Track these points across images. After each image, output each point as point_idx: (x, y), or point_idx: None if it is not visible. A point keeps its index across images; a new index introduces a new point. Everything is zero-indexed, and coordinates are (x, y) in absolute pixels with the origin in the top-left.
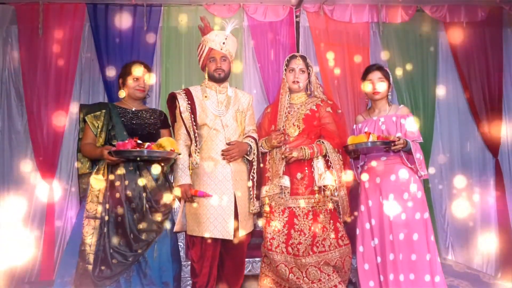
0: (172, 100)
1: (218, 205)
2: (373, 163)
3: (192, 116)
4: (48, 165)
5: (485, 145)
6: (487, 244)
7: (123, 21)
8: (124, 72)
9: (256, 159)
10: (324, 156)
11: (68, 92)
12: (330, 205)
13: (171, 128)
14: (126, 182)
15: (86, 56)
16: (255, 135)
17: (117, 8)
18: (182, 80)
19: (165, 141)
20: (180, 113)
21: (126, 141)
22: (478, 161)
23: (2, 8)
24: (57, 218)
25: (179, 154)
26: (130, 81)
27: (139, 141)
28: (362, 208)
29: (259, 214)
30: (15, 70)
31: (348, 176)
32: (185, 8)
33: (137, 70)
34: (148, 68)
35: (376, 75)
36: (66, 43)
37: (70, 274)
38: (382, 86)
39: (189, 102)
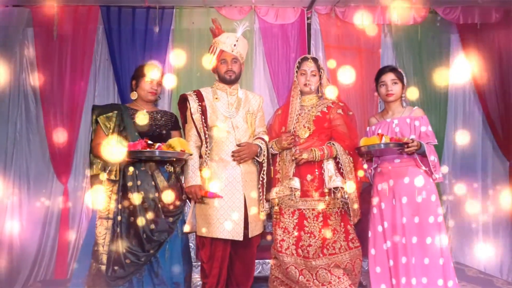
0: (183, 101)
1: (228, 206)
2: (386, 166)
3: (203, 117)
4: (63, 166)
5: (498, 147)
6: (501, 248)
7: (136, 23)
8: (138, 74)
9: (266, 160)
10: (335, 158)
11: (83, 93)
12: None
13: (182, 129)
14: (139, 182)
15: (100, 58)
16: (265, 137)
17: (130, 10)
18: (193, 81)
19: (175, 141)
20: (191, 114)
21: (137, 142)
22: (491, 164)
23: (18, 11)
24: (72, 218)
25: (190, 154)
26: (143, 83)
27: (150, 142)
28: (375, 210)
29: (269, 216)
30: (32, 72)
31: (359, 177)
32: (197, 10)
33: (151, 73)
34: (161, 71)
35: (389, 76)
36: (80, 45)
37: (85, 275)
38: (395, 88)
39: (200, 103)
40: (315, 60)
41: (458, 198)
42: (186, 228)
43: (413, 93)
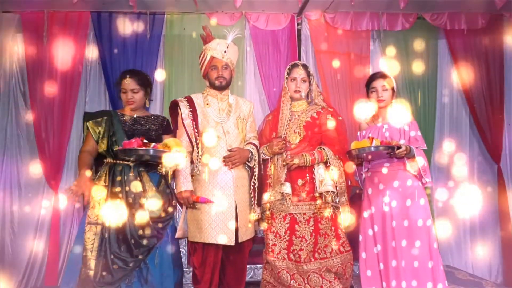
0: (174, 107)
1: (220, 211)
2: (377, 169)
3: (194, 123)
4: (54, 172)
5: (487, 151)
6: (490, 250)
7: (127, 29)
8: (117, 83)
9: (257, 165)
10: (325, 163)
11: (73, 99)
12: (329, 211)
13: (173, 134)
14: (127, 188)
15: (91, 64)
16: (256, 142)
17: (121, 16)
18: (185, 87)
19: (171, 141)
20: (182, 120)
21: (133, 140)
22: (480, 167)
23: (8, 17)
24: (63, 224)
25: (185, 156)
26: (121, 93)
27: (146, 141)
28: (365, 214)
29: (260, 221)
30: (22, 77)
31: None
32: (187, 16)
33: (123, 83)
34: (137, 78)
35: (380, 83)
36: (70, 50)
37: (75, 280)
38: (386, 94)
39: (191, 109)
40: (305, 66)
41: (447, 201)
42: (178, 234)
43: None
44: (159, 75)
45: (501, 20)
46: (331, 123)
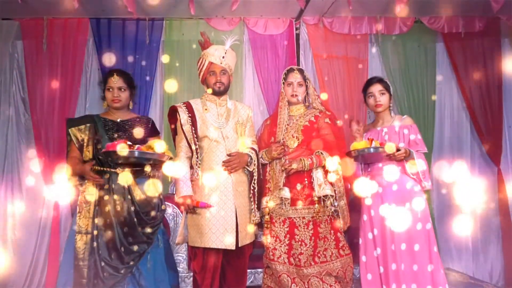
0: (173, 113)
1: (220, 216)
2: (376, 173)
3: (193, 128)
4: (53, 178)
5: (487, 153)
6: (491, 254)
7: (126, 35)
8: (103, 81)
9: (256, 170)
10: (323, 167)
11: (73, 105)
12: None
13: (165, 135)
14: (115, 196)
15: (91, 70)
16: (255, 147)
17: (120, 22)
18: (184, 93)
19: (155, 143)
20: (181, 125)
21: (116, 142)
22: (480, 170)
23: (7, 24)
24: (64, 229)
25: (171, 158)
26: (106, 92)
27: (129, 143)
28: (365, 217)
29: (260, 225)
30: (22, 84)
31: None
32: (186, 22)
33: (110, 80)
34: (124, 77)
35: (377, 87)
36: (70, 57)
37: (70, 286)
38: (383, 99)
39: (190, 115)
40: (300, 71)
41: (447, 204)
42: (178, 239)
43: (400, 101)
44: (159, 80)
45: (498, 23)
46: (328, 127)
